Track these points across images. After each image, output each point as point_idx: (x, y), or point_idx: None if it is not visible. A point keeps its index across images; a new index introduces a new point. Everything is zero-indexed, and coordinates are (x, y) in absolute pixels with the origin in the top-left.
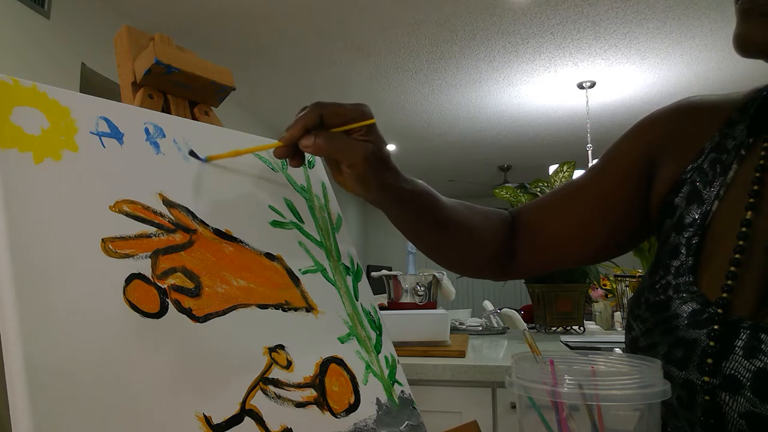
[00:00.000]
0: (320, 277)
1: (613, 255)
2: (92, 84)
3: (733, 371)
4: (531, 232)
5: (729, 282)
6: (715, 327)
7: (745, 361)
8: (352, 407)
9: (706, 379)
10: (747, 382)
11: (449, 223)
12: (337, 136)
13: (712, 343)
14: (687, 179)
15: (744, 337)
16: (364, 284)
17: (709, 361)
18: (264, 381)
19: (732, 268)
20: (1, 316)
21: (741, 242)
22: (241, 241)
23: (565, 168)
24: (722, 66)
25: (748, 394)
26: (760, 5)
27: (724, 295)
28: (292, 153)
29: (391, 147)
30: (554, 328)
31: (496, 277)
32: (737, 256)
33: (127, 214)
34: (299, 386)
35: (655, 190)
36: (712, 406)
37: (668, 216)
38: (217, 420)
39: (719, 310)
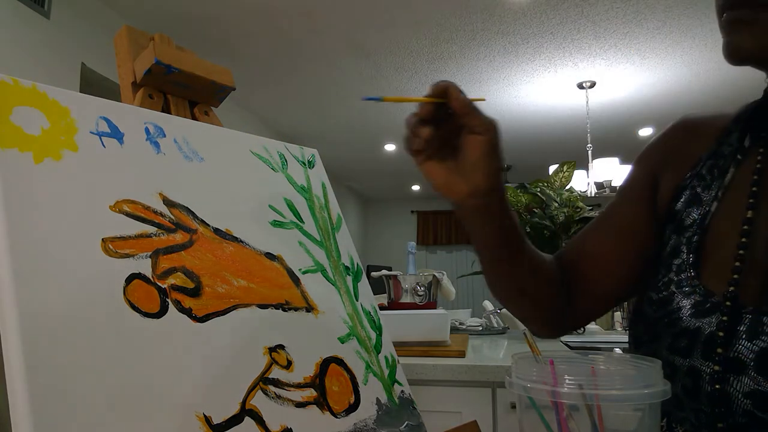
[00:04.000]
0: (320, 277)
1: (646, 276)
2: (92, 84)
3: (737, 354)
4: (573, 272)
5: (735, 276)
6: (724, 318)
7: (749, 343)
8: (352, 407)
9: (716, 368)
10: (751, 362)
11: (524, 248)
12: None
13: (721, 334)
14: (687, 185)
15: (747, 322)
16: (364, 284)
17: (719, 351)
18: (264, 381)
19: (737, 263)
20: (1, 316)
21: (743, 239)
22: (241, 241)
23: (565, 168)
24: (722, 66)
25: (752, 373)
26: (744, 14)
27: (731, 288)
28: (432, 116)
29: (391, 147)
30: None
31: (557, 328)
32: (741, 252)
33: (128, 214)
34: (299, 386)
35: (659, 202)
36: (719, 392)
37: (670, 221)
38: (217, 420)
39: (727, 303)
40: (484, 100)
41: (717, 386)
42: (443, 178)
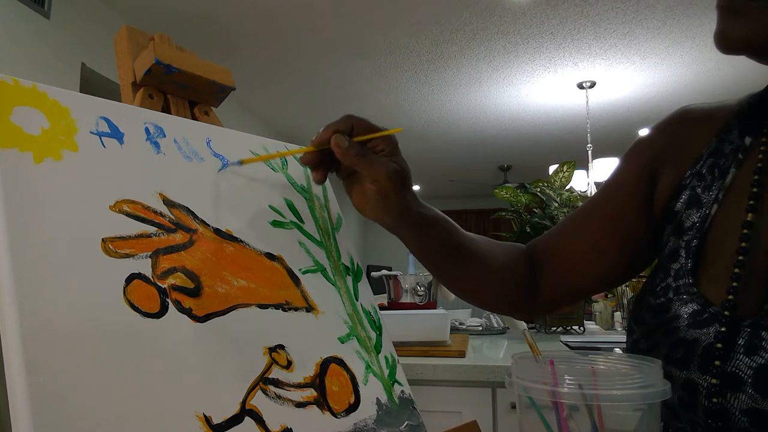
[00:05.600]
0: (320, 277)
1: (632, 273)
2: (92, 84)
3: (734, 369)
4: (548, 260)
5: (734, 284)
6: (722, 329)
7: (746, 359)
8: (352, 407)
9: (714, 381)
10: (748, 379)
11: (468, 252)
12: (365, 150)
13: (719, 345)
14: (686, 185)
15: (745, 335)
16: (364, 284)
17: (717, 363)
18: (264, 381)
19: (736, 270)
20: (1, 315)
21: (743, 244)
22: (241, 241)
23: (565, 168)
24: (722, 66)
25: (750, 390)
26: (735, 2)
27: (730, 297)
28: (318, 161)
29: None
30: (554, 328)
31: (518, 311)
32: (741, 258)
33: (128, 214)
34: (299, 386)
35: (657, 200)
36: (716, 406)
37: (668, 222)
38: (217, 420)
39: (726, 312)
40: (400, 130)
41: (714, 400)
42: (356, 199)
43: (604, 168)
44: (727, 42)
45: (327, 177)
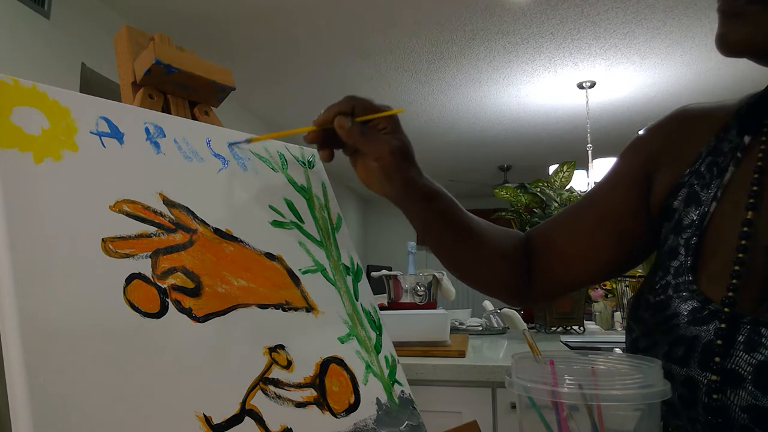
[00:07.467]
0: (320, 277)
1: (626, 268)
2: (92, 84)
3: (734, 366)
4: (543, 251)
5: (734, 281)
6: (722, 326)
7: (746, 355)
8: (352, 407)
9: (714, 378)
10: (748, 375)
11: (471, 230)
12: (367, 129)
13: (719, 342)
14: (685, 182)
15: (745, 332)
16: (364, 284)
17: (717, 360)
18: (264, 381)
19: (736, 267)
20: (1, 315)
21: (743, 242)
22: (241, 241)
23: (565, 168)
24: (722, 66)
25: (750, 387)
26: (735, 6)
27: (730, 293)
28: (322, 140)
29: None
30: (554, 328)
31: (512, 297)
32: (740, 255)
33: (128, 214)
34: (299, 386)
35: (654, 197)
36: (717, 403)
37: (667, 219)
38: (217, 420)
39: (726, 309)
40: (401, 111)
41: (714, 396)
42: (362, 175)
43: (604, 168)
44: (729, 45)
45: (334, 155)
